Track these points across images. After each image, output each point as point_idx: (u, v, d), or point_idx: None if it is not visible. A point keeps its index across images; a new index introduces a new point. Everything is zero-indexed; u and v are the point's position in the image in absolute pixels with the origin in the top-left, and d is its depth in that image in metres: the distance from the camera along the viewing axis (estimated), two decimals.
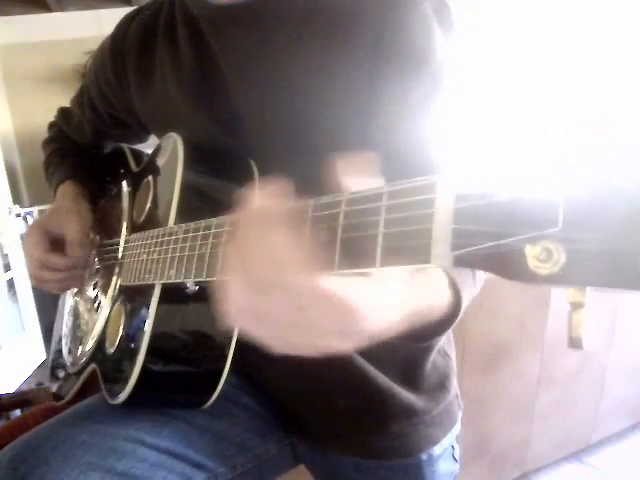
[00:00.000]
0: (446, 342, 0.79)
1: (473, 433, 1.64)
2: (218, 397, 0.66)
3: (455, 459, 0.80)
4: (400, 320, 0.35)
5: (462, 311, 0.48)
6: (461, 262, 0.25)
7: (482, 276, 0.56)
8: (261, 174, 0.66)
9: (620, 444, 2.00)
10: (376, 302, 0.32)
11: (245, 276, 0.33)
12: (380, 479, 0.77)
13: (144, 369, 0.60)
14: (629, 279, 0.19)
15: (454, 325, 0.49)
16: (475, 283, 0.53)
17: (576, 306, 0.23)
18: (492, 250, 0.24)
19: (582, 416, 1.90)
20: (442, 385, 0.77)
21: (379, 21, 0.57)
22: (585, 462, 1.92)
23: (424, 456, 0.74)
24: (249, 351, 0.57)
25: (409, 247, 0.27)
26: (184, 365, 0.64)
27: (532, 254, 0.22)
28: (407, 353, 0.73)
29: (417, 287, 0.38)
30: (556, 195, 0.22)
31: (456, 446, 0.81)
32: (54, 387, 0.95)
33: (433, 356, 0.75)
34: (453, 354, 0.81)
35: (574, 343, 0.24)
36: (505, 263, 0.23)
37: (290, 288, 0.31)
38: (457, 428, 0.80)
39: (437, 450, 0.75)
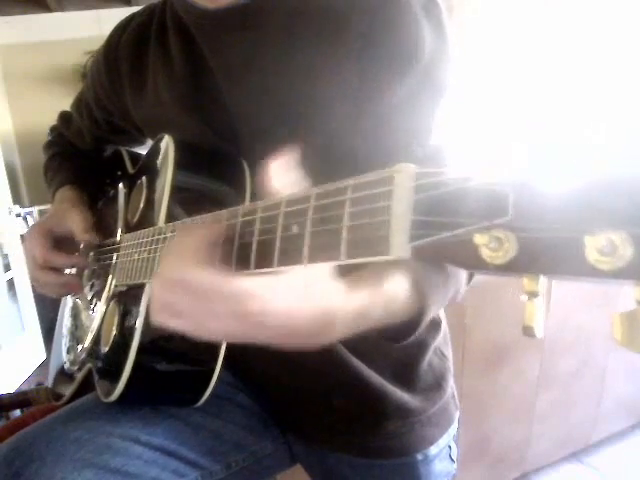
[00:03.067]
0: (442, 342, 0.79)
1: (473, 433, 1.64)
2: (213, 395, 0.66)
3: (452, 459, 0.80)
4: (326, 317, 0.39)
5: (429, 312, 0.49)
6: (419, 253, 0.25)
7: (463, 281, 0.57)
8: (253, 174, 0.66)
9: (620, 444, 1.99)
10: (284, 293, 0.37)
11: (159, 276, 0.42)
12: (375, 478, 0.77)
13: (135, 368, 0.60)
14: (577, 268, 0.20)
15: (422, 326, 0.50)
16: (448, 287, 0.54)
17: (530, 295, 0.23)
18: (447, 240, 0.24)
19: (582, 416, 1.90)
20: (438, 385, 0.76)
21: (367, 18, 0.58)
22: (585, 462, 1.92)
23: (420, 456, 0.74)
24: (244, 350, 0.57)
25: (370, 239, 0.27)
26: (175, 364, 0.65)
27: (482, 243, 0.22)
28: (402, 353, 0.73)
29: (360, 292, 0.42)
30: (506, 185, 0.22)
31: (453, 446, 0.80)
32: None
33: (429, 356, 0.75)
34: (450, 354, 0.81)
35: (528, 332, 0.24)
36: (460, 253, 0.23)
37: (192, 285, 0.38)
38: (454, 428, 0.79)
39: (433, 450, 0.75)
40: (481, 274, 0.24)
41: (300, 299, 0.37)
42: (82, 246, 0.86)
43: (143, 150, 0.91)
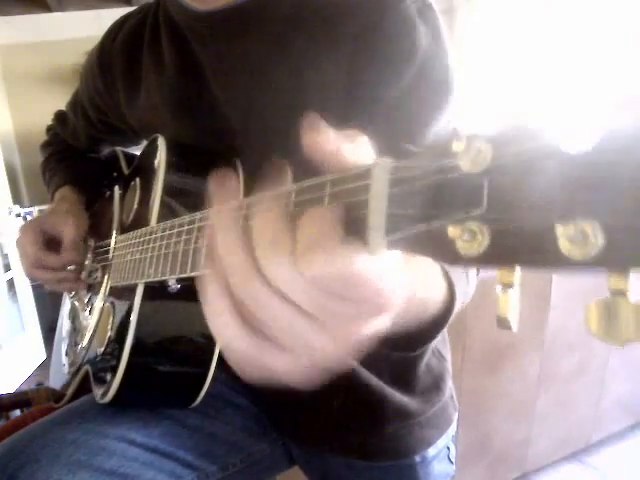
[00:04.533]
0: (441, 343, 0.79)
1: (473, 433, 1.64)
2: (211, 396, 0.66)
3: (450, 460, 0.80)
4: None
5: (456, 308, 0.46)
6: (395, 246, 0.25)
7: (474, 276, 0.56)
8: (247, 174, 0.66)
9: (620, 444, 1.99)
10: (393, 275, 0.27)
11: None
12: None
13: (129, 368, 0.60)
14: (550, 259, 0.19)
15: (447, 324, 0.47)
16: (468, 281, 0.53)
17: (505, 286, 0.23)
18: (422, 233, 0.24)
19: (582, 416, 1.90)
20: (436, 386, 0.76)
21: (360, 20, 0.58)
22: (585, 462, 1.91)
23: (418, 458, 0.74)
24: None
25: (348, 234, 0.27)
26: (169, 364, 0.64)
27: (456, 235, 0.22)
28: (400, 355, 0.72)
29: (414, 273, 0.33)
30: (481, 175, 0.22)
31: (452, 447, 0.80)
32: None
33: (427, 358, 0.75)
34: (448, 355, 0.81)
35: (502, 324, 0.23)
36: (435, 246, 0.23)
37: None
38: (452, 429, 0.79)
39: (431, 451, 0.75)
40: (456, 267, 0.23)
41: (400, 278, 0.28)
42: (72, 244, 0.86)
43: (139, 150, 0.91)
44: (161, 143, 0.66)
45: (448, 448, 0.79)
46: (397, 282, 0.27)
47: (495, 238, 0.21)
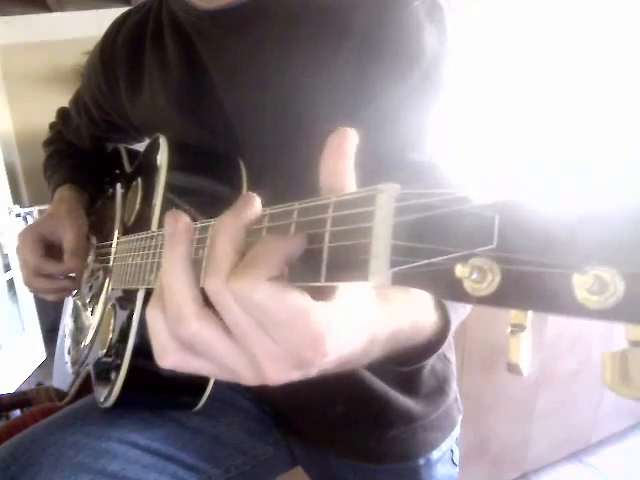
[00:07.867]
0: (446, 346, 0.78)
1: (473, 433, 1.64)
2: (214, 399, 0.66)
3: (454, 463, 0.80)
4: (368, 344, 0.33)
5: (450, 333, 0.47)
6: (400, 281, 0.24)
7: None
8: (251, 175, 0.66)
9: (620, 444, 1.99)
10: (342, 328, 0.29)
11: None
12: None
13: (131, 372, 0.59)
14: (565, 306, 0.18)
15: (441, 349, 0.48)
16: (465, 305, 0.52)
17: (517, 329, 0.21)
18: (428, 269, 0.22)
19: (582, 416, 1.89)
20: (441, 389, 0.76)
21: (367, 21, 0.57)
22: (585, 462, 1.91)
23: (422, 460, 0.74)
24: None
25: (350, 262, 0.25)
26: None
27: (464, 274, 0.20)
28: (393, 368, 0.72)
29: (395, 310, 0.37)
30: (493, 211, 0.20)
31: (455, 450, 0.80)
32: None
33: (432, 361, 0.74)
34: (453, 358, 0.80)
35: (512, 369, 0.22)
36: (441, 283, 0.22)
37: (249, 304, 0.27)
38: (456, 432, 0.79)
39: (435, 454, 0.75)
40: (464, 304, 0.22)
41: (354, 331, 0.32)
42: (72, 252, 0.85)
43: (142, 147, 0.91)
44: (163, 143, 0.66)
45: (452, 451, 0.79)
46: (341, 339, 0.29)
47: (506, 278, 0.20)
